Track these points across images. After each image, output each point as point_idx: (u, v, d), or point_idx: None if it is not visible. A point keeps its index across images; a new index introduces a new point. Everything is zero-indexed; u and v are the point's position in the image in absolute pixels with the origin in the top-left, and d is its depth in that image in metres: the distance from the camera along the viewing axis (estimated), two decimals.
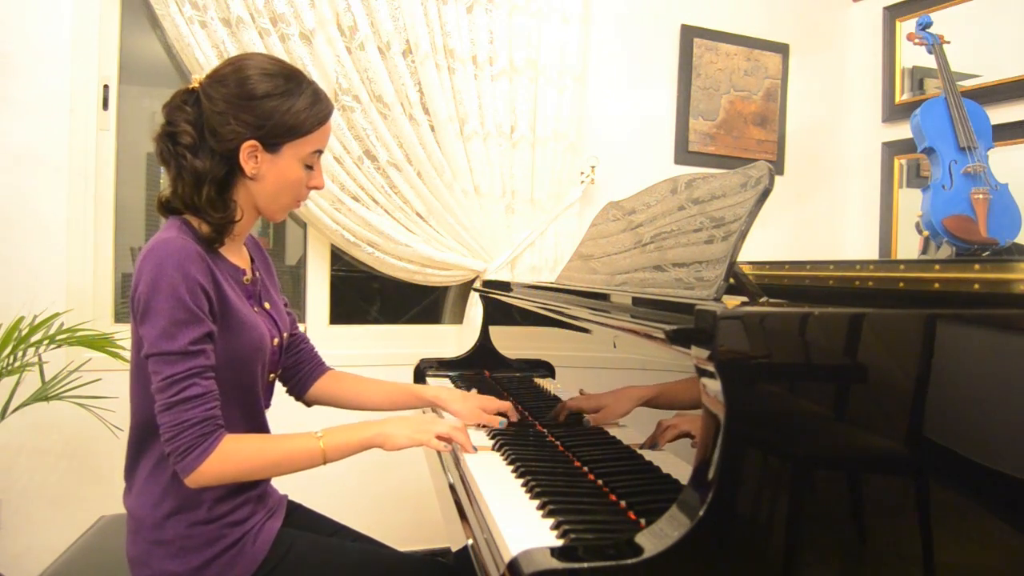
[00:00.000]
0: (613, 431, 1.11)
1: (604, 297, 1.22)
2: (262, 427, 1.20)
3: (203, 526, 1.06)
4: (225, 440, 1.01)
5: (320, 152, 1.15)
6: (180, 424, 0.97)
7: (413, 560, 1.26)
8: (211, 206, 1.07)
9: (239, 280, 1.15)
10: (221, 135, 1.06)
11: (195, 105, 1.08)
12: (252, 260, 1.24)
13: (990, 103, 2.22)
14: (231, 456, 1.00)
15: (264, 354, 1.15)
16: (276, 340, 1.21)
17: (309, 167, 1.14)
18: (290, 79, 1.09)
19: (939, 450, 0.80)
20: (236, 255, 1.17)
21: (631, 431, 1.05)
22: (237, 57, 1.11)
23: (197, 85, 1.08)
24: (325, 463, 1.08)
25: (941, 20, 2.26)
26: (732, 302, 0.91)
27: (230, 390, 1.08)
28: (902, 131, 2.63)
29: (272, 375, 1.24)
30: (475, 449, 1.17)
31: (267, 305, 1.22)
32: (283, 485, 1.31)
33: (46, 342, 1.72)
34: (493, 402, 1.35)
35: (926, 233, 2.07)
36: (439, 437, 1.14)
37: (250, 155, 1.07)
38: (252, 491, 1.13)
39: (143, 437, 1.09)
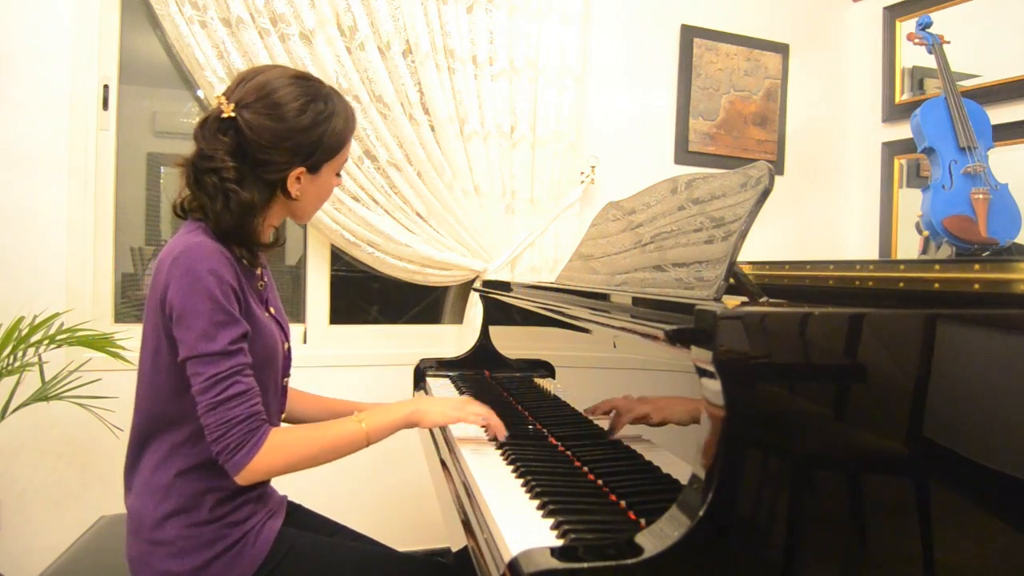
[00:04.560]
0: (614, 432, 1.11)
1: (604, 297, 1.22)
2: None
3: (203, 527, 1.06)
4: (272, 433, 1.03)
5: (347, 157, 1.22)
6: (227, 422, 0.99)
7: (413, 560, 1.26)
8: (258, 238, 1.12)
9: (255, 286, 1.17)
10: (268, 166, 1.08)
11: (230, 133, 1.07)
12: (261, 267, 1.24)
13: (990, 103, 2.22)
14: (279, 448, 1.02)
15: (278, 358, 1.17)
16: (286, 345, 1.23)
17: (338, 174, 1.21)
18: (324, 100, 1.11)
19: (939, 450, 0.80)
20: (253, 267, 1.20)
21: (629, 431, 1.05)
22: (263, 81, 1.09)
23: (231, 114, 1.06)
24: (368, 445, 1.11)
25: (941, 20, 2.26)
26: (732, 302, 0.91)
27: None
28: (902, 131, 2.63)
29: (285, 379, 1.26)
30: (506, 434, 1.20)
31: (272, 311, 1.23)
32: (283, 486, 1.31)
33: (46, 342, 1.72)
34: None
35: (926, 233, 2.07)
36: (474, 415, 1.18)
37: (295, 179, 1.12)
38: (252, 492, 1.13)
39: (146, 436, 1.09)
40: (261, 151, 1.07)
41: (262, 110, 1.07)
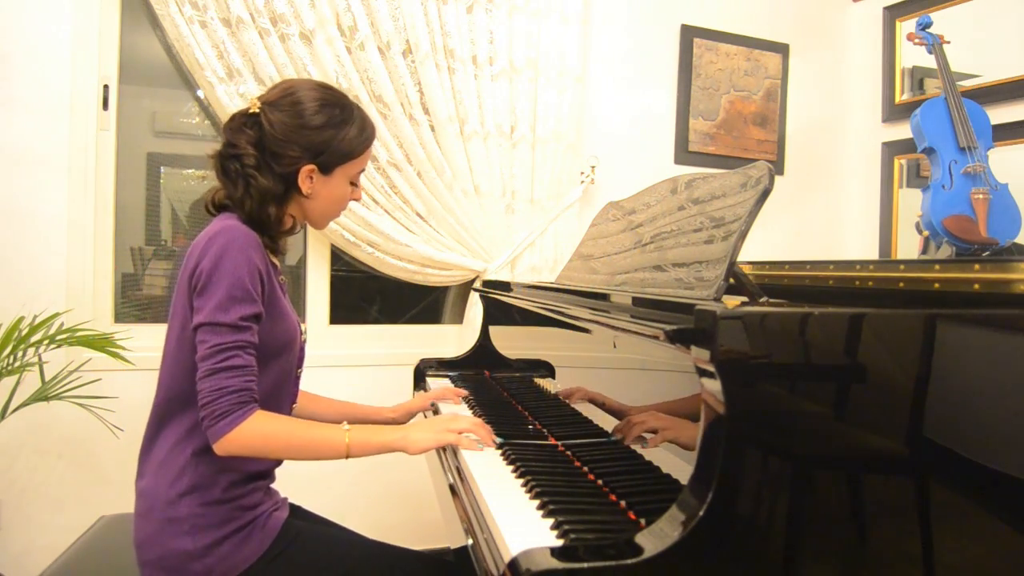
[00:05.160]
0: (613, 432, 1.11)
1: (604, 297, 1.22)
2: None
3: (216, 506, 1.09)
4: (258, 413, 1.06)
5: (363, 170, 1.27)
6: (219, 390, 1.03)
7: (416, 556, 1.27)
8: (277, 222, 1.18)
9: (278, 278, 1.23)
10: (282, 159, 1.16)
11: (254, 128, 1.17)
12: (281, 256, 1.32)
13: (990, 103, 2.22)
14: (261, 429, 1.05)
15: (296, 346, 1.23)
16: (302, 337, 1.28)
17: (353, 184, 1.26)
18: (342, 108, 1.21)
19: (939, 450, 0.80)
20: (275, 257, 1.27)
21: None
22: (287, 85, 1.21)
23: (257, 110, 1.17)
24: (348, 457, 1.12)
25: (941, 20, 2.26)
26: (732, 302, 0.91)
27: (266, 377, 1.13)
28: (902, 131, 2.63)
29: (299, 369, 1.30)
30: (496, 442, 1.19)
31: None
32: (283, 487, 1.31)
33: (46, 342, 1.72)
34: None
35: (926, 233, 2.07)
36: (461, 433, 1.18)
37: (307, 176, 1.18)
38: (262, 481, 1.18)
39: (164, 416, 1.13)
40: (276, 144, 1.15)
41: (283, 107, 1.16)
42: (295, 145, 1.16)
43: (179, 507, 1.08)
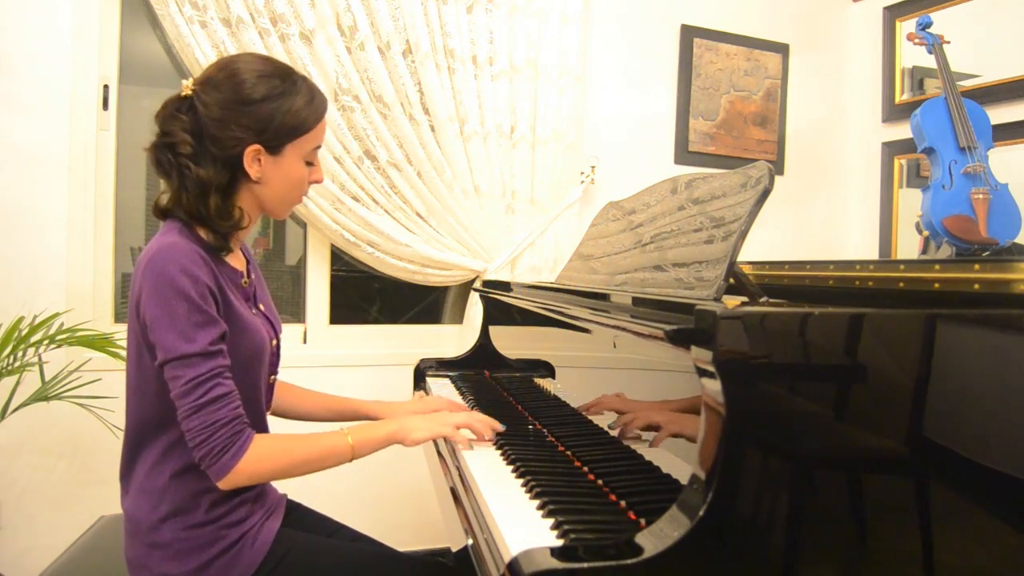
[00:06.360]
0: (610, 429, 1.11)
1: (604, 297, 1.22)
2: (264, 430, 1.19)
3: (200, 528, 1.05)
4: (257, 439, 1.01)
5: (319, 147, 1.15)
6: (211, 425, 0.97)
7: (413, 560, 1.26)
8: (219, 215, 1.06)
9: (238, 283, 1.14)
10: (222, 142, 1.05)
11: (189, 112, 1.06)
12: (247, 262, 1.23)
13: (990, 103, 2.22)
14: (265, 454, 1.01)
15: (265, 355, 1.15)
16: (274, 341, 1.22)
17: (310, 163, 1.15)
18: (284, 78, 1.08)
19: (939, 450, 0.80)
20: (234, 258, 1.16)
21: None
22: (226, 60, 1.10)
23: (190, 91, 1.06)
24: (353, 459, 1.10)
25: (941, 20, 2.26)
26: (732, 302, 0.91)
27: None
28: (902, 131, 2.63)
29: (272, 376, 1.25)
30: (493, 434, 1.19)
31: (261, 307, 1.22)
32: (282, 484, 1.31)
33: (46, 342, 1.72)
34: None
35: (926, 233, 2.07)
36: (458, 427, 1.17)
37: (254, 159, 1.07)
38: (249, 491, 1.12)
39: (140, 440, 1.09)
40: (214, 125, 1.04)
41: (219, 83, 1.05)
42: (234, 124, 1.03)
43: (162, 532, 1.04)
